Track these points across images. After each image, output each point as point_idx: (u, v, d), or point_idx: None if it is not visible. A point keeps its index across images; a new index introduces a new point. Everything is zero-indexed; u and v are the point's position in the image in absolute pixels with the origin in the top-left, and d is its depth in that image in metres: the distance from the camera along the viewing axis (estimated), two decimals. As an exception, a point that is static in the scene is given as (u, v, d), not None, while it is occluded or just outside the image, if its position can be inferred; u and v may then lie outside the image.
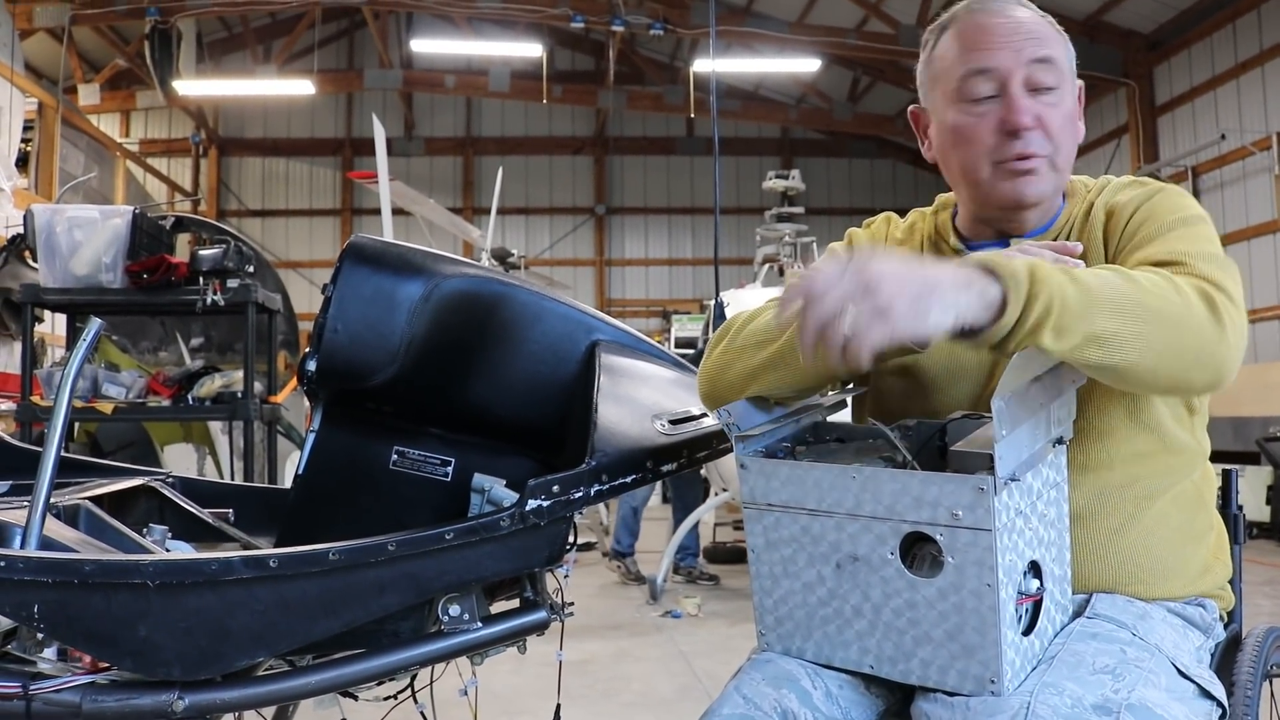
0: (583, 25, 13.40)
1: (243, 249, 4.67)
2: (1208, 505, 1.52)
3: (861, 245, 1.64)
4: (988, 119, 1.44)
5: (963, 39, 1.47)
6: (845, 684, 1.29)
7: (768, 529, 1.29)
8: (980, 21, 1.46)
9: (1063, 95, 1.46)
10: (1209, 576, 1.47)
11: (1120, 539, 1.40)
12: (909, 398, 1.51)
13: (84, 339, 1.47)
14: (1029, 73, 1.43)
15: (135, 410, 4.68)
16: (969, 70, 1.44)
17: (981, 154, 1.45)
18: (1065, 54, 1.48)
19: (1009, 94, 1.42)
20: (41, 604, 1.27)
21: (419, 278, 1.75)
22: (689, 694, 4.10)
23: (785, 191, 10.46)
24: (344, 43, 18.48)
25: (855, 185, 18.72)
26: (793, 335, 1.35)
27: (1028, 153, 1.43)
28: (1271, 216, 11.12)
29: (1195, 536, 1.47)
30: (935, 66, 1.52)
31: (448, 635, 1.44)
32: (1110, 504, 1.41)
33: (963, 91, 1.45)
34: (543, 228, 18.76)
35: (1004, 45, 1.43)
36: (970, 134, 1.45)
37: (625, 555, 6.69)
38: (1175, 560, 1.43)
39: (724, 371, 1.45)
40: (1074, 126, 1.49)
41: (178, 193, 17.33)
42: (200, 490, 2.04)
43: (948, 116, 1.48)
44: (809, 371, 1.35)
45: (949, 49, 1.49)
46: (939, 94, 1.51)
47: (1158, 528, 1.42)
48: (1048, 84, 1.44)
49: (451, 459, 1.82)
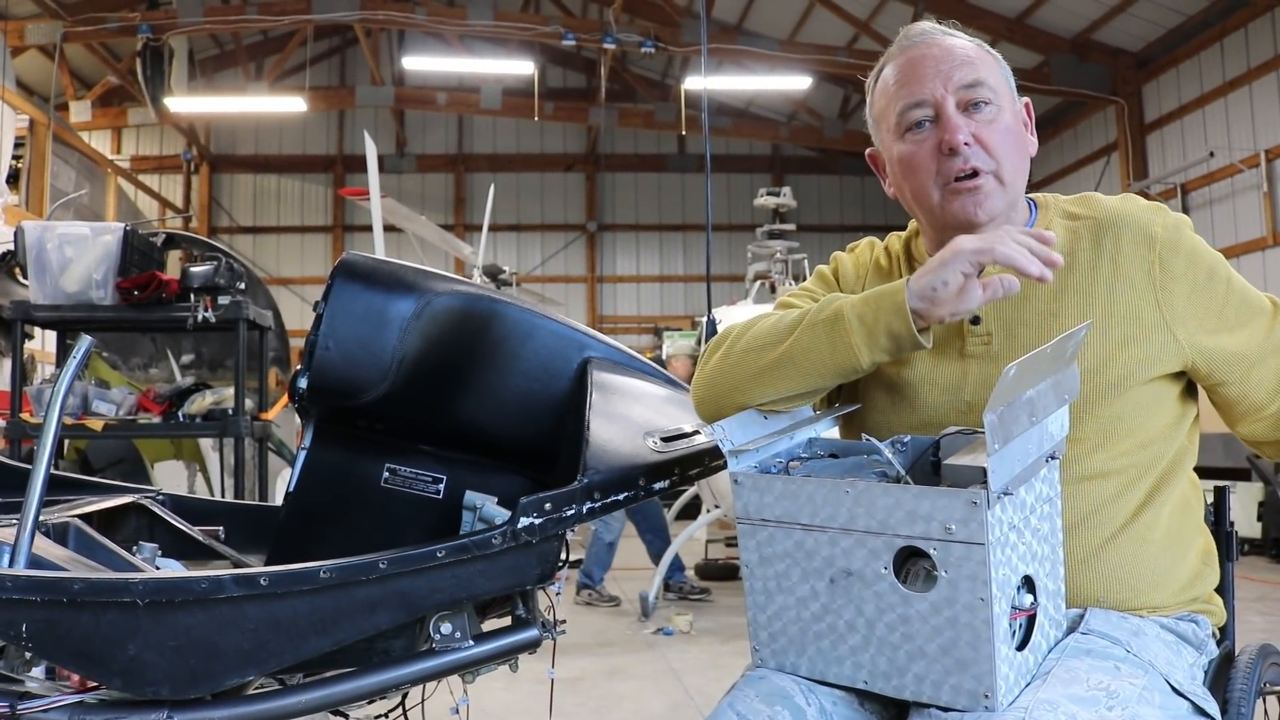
0: (574, 43, 13.44)
1: (234, 265, 4.66)
2: (1195, 512, 1.53)
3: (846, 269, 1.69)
4: (927, 144, 1.49)
5: (897, 75, 1.52)
6: (839, 700, 1.29)
7: (761, 544, 1.29)
8: (911, 56, 1.52)
9: (999, 112, 1.49)
10: (1199, 583, 1.48)
11: (1111, 549, 1.41)
12: (896, 411, 1.53)
13: (74, 356, 1.47)
14: (961, 95, 1.47)
15: (125, 427, 4.66)
16: (906, 104, 1.50)
17: (928, 179, 1.49)
18: (999, 73, 1.53)
19: (944, 116, 1.47)
20: (30, 622, 1.26)
21: (410, 295, 1.74)
22: (680, 711, 4.09)
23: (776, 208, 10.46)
24: (336, 60, 18.50)
25: (846, 202, 18.78)
26: (800, 335, 1.39)
27: (968, 168, 1.46)
28: (1260, 234, 11.17)
29: (1184, 544, 1.48)
30: (877, 106, 1.58)
31: (439, 653, 1.43)
32: (1101, 515, 1.42)
33: (903, 123, 1.51)
34: (534, 245, 18.77)
35: (934, 74, 1.48)
36: (915, 161, 1.50)
37: (593, 586, 6.66)
38: (1165, 568, 1.44)
39: (725, 376, 1.46)
40: (1018, 140, 1.51)
41: (169, 209, 17.30)
42: (190, 508, 2.04)
43: (894, 150, 1.54)
44: (817, 371, 1.38)
45: (886, 87, 1.54)
46: (884, 131, 1.56)
47: (1148, 536, 1.43)
48: (980, 102, 1.48)
49: (443, 476, 1.82)
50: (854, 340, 1.35)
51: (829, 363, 1.37)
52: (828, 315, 1.38)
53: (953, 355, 1.50)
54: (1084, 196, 1.58)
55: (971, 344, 1.49)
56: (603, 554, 6.65)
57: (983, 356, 1.48)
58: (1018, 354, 1.37)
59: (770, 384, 1.40)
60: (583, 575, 6.68)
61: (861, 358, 1.35)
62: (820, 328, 1.37)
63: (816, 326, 1.38)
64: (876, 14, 13.49)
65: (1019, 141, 1.51)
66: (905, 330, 1.32)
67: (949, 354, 1.50)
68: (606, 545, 6.64)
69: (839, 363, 1.37)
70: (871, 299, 1.35)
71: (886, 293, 1.34)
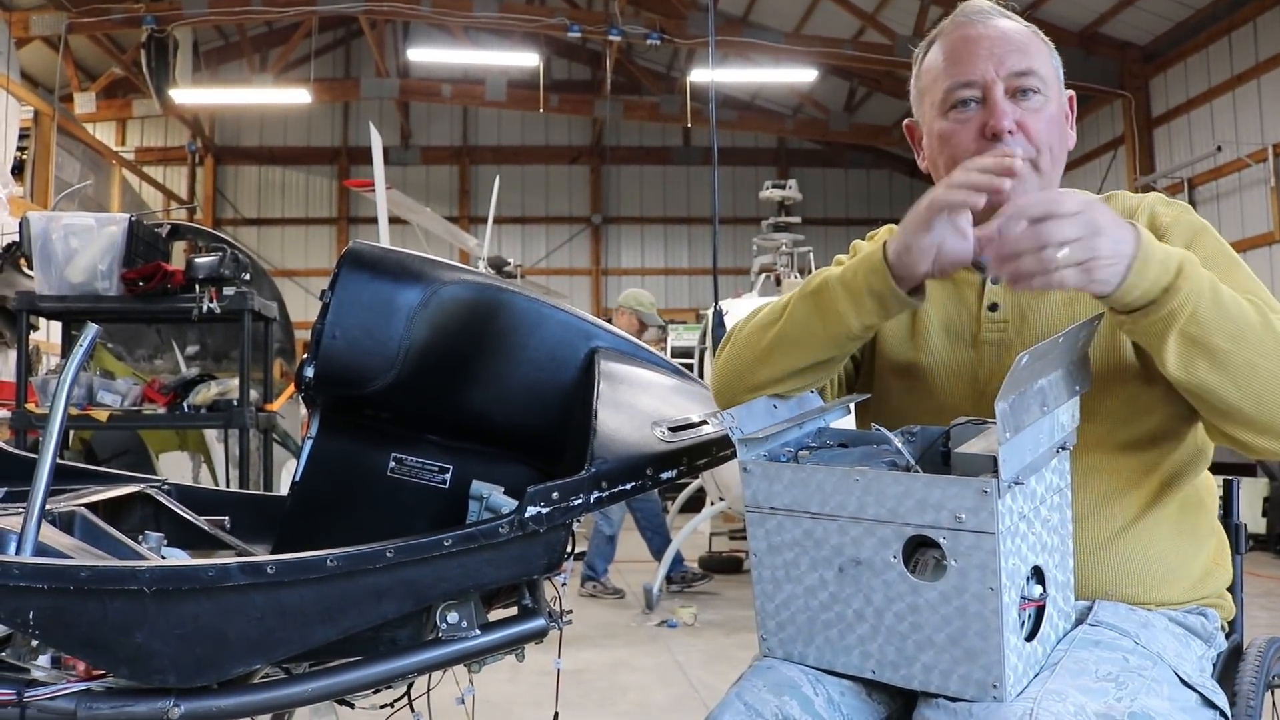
0: (579, 35, 13.41)
1: (239, 256, 4.66)
2: (1209, 511, 1.52)
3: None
4: (970, 125, 1.48)
5: (948, 52, 1.51)
6: (847, 690, 1.29)
7: (770, 533, 1.29)
8: (964, 34, 1.51)
9: (1046, 101, 1.48)
10: (1210, 581, 1.48)
11: (1121, 542, 1.41)
12: (910, 398, 1.54)
13: (80, 344, 1.46)
14: (1010, 81, 1.46)
15: (130, 418, 4.66)
16: (954, 82, 1.49)
17: (965, 158, 1.46)
18: (1050, 63, 1.52)
19: (990, 100, 1.46)
20: (37, 610, 1.26)
21: (417, 284, 1.74)
22: (685, 704, 4.09)
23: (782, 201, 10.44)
24: (340, 52, 18.49)
25: (852, 195, 18.74)
26: (792, 310, 1.42)
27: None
28: (1267, 228, 11.14)
29: (1197, 541, 1.47)
30: (924, 80, 1.57)
31: (446, 643, 1.43)
32: (1112, 507, 1.41)
33: (948, 100, 1.50)
34: (539, 237, 18.76)
35: (986, 56, 1.47)
36: (954, 140, 1.49)
37: (597, 579, 6.66)
38: (1176, 564, 1.43)
39: (732, 362, 1.50)
40: (1061, 132, 1.51)
41: (174, 201, 17.30)
42: (196, 498, 2.03)
43: (935, 126, 1.53)
44: (812, 343, 1.41)
45: (935, 62, 1.53)
46: (927, 105, 1.55)
47: (1158, 531, 1.42)
48: (1030, 90, 1.47)
49: (449, 466, 1.81)
50: (840, 306, 1.37)
51: (821, 332, 1.40)
52: (814, 286, 1.42)
53: (967, 341, 1.52)
54: (1110, 195, 1.58)
55: (986, 330, 1.50)
56: (604, 547, 6.65)
57: (998, 343, 1.49)
58: (1032, 341, 1.38)
59: (773, 362, 1.44)
60: (586, 568, 6.68)
61: (850, 322, 1.37)
62: (809, 299, 1.41)
63: (805, 299, 1.42)
64: (883, 7, 13.45)
65: (1061, 133, 1.51)
66: (885, 287, 1.33)
67: (964, 340, 1.52)
68: (607, 539, 6.64)
69: (831, 331, 1.39)
70: (854, 263, 1.39)
71: (867, 254, 1.38)
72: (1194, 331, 1.22)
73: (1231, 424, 1.29)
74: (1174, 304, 1.21)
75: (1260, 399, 1.24)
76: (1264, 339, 1.24)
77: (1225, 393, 1.25)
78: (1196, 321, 1.21)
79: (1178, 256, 1.23)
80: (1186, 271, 1.22)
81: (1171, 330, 1.22)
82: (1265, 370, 1.23)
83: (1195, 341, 1.22)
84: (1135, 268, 1.19)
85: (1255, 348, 1.23)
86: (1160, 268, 1.21)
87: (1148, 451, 1.43)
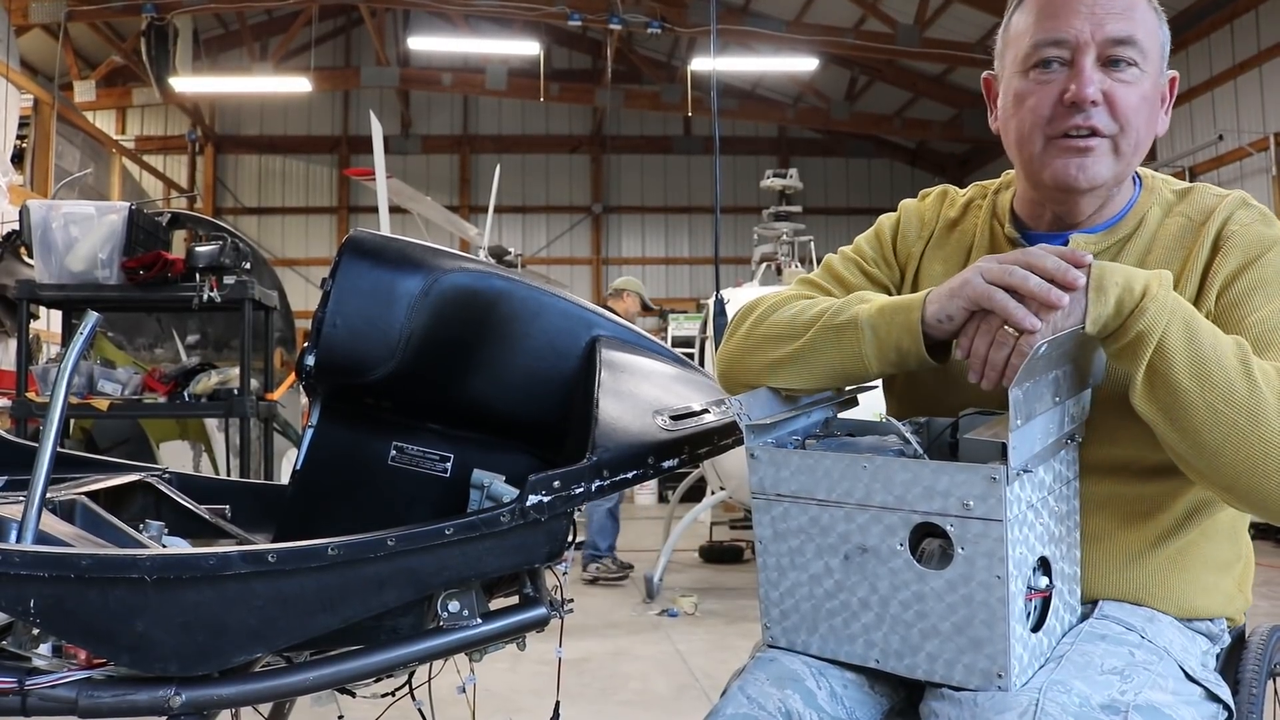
0: (580, 24, 13.35)
1: (239, 245, 4.66)
2: (1239, 535, 1.46)
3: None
4: (1051, 88, 1.37)
5: (1042, 5, 1.39)
6: (850, 683, 1.28)
7: (776, 520, 1.28)
8: None
9: (1142, 76, 1.37)
10: (1229, 606, 1.43)
11: (1139, 568, 1.37)
12: (941, 385, 1.47)
13: (81, 332, 1.45)
14: (1105, 47, 1.35)
15: (131, 407, 4.67)
16: (1041, 38, 1.37)
17: (1038, 124, 1.39)
18: (1156, 36, 1.40)
19: (1078, 64, 1.35)
20: (38, 598, 1.25)
21: (418, 272, 1.73)
22: (686, 693, 4.09)
23: (782, 190, 10.40)
24: (341, 40, 18.43)
25: (853, 184, 18.70)
26: (814, 335, 1.36)
27: (1087, 126, 1.35)
28: (1269, 217, 11.12)
29: (1221, 567, 1.42)
30: (1011, 32, 1.45)
31: (447, 631, 1.42)
32: (1131, 533, 1.38)
33: (1031, 58, 1.38)
34: (540, 226, 18.73)
35: (1085, 15, 1.35)
36: (1030, 101, 1.38)
37: (602, 557, 6.64)
38: (1195, 593, 1.39)
39: (744, 357, 1.45)
40: (1151, 114, 1.40)
41: (174, 189, 17.27)
42: (196, 486, 2.03)
43: (1013, 83, 1.42)
44: (827, 372, 1.36)
45: (1027, 14, 1.41)
46: (1009, 59, 1.44)
47: (1182, 560, 1.38)
48: (1125, 61, 1.36)
49: (451, 454, 1.81)
50: (864, 350, 1.32)
51: (838, 366, 1.35)
52: (842, 320, 1.34)
53: None
54: (1192, 188, 1.49)
55: None
56: (605, 522, 6.61)
57: None
58: None
59: (781, 376, 1.39)
60: (589, 549, 6.65)
61: (870, 367, 1.33)
62: (833, 332, 1.35)
63: (829, 331, 1.35)
64: (884, -5, 13.42)
65: (1151, 114, 1.40)
66: (914, 349, 1.29)
67: None
68: (607, 512, 6.60)
69: (849, 369, 1.35)
70: (888, 310, 1.31)
71: (903, 307, 1.30)
72: (1156, 361, 1.15)
73: (1194, 474, 1.21)
74: (1140, 326, 1.15)
75: (1217, 453, 1.15)
76: (1234, 385, 1.13)
77: (1171, 439, 1.18)
78: (1161, 350, 1.15)
79: (1144, 277, 1.17)
80: (1153, 292, 1.16)
81: (1144, 356, 1.16)
82: (1228, 421, 1.13)
83: (1156, 371, 1.16)
84: (1091, 297, 1.16)
85: (1222, 393, 1.13)
86: (1122, 289, 1.16)
87: (1169, 480, 1.36)
